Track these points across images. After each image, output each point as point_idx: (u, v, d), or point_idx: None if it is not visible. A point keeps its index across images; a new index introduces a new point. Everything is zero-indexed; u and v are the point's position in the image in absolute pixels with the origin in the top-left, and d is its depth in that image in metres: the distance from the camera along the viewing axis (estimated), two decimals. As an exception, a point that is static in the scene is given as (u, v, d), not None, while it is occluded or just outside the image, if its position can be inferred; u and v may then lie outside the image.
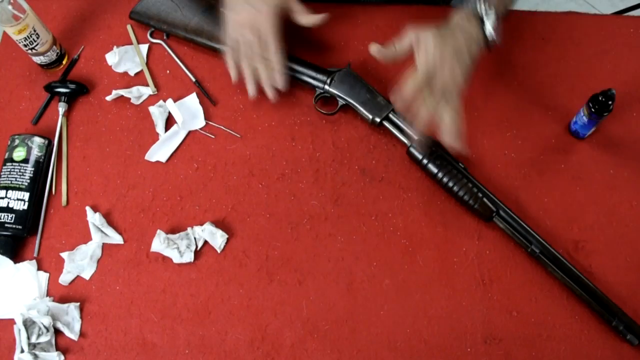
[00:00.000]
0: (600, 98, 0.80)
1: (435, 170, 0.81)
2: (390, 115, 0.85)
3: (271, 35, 0.83)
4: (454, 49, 0.77)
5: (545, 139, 0.89)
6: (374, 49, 0.81)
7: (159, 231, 0.81)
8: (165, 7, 0.93)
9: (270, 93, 0.86)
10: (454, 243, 0.82)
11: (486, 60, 0.92)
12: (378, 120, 0.85)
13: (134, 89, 0.90)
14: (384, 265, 0.81)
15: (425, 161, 0.82)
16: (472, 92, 0.91)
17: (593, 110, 0.81)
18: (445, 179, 0.81)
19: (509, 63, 0.94)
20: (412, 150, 0.83)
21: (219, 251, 0.81)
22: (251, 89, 0.86)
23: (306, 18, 0.87)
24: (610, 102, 0.80)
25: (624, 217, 0.83)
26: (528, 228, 0.79)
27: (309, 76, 0.88)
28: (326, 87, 0.87)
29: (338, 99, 0.87)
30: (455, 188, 0.81)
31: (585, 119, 0.84)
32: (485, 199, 0.80)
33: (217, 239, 0.81)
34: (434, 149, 0.82)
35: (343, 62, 0.91)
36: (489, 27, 0.81)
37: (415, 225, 0.83)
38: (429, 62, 0.75)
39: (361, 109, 0.86)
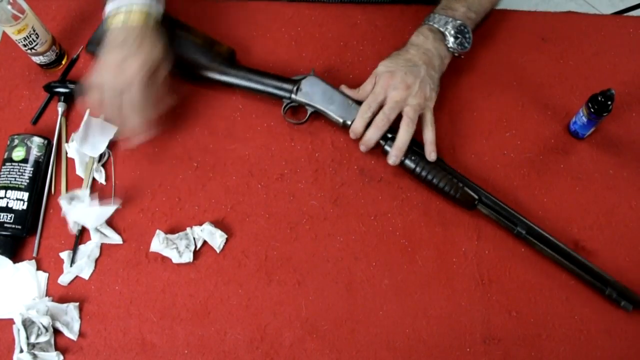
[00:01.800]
0: (599, 98, 0.80)
1: (412, 165, 0.81)
2: None
3: (133, 88, 0.74)
4: (405, 65, 0.81)
5: (545, 139, 0.88)
6: (343, 89, 0.86)
7: (158, 231, 0.81)
8: None
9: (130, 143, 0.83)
10: (453, 243, 0.82)
11: (486, 60, 0.93)
12: (349, 123, 0.84)
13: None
14: (383, 266, 0.81)
15: (402, 158, 0.82)
16: (472, 93, 0.92)
17: (592, 110, 0.81)
18: (423, 173, 0.81)
19: (508, 63, 0.94)
20: (388, 148, 0.82)
21: (218, 251, 0.81)
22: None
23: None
24: (609, 102, 0.80)
25: (624, 217, 0.83)
26: (511, 211, 0.80)
27: (274, 87, 0.86)
28: (293, 96, 0.86)
29: (306, 107, 0.86)
30: (435, 180, 0.81)
31: (584, 119, 0.84)
32: (466, 188, 0.80)
33: (217, 239, 0.81)
34: (410, 145, 0.82)
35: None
36: (450, 41, 0.84)
37: (415, 226, 0.83)
38: (377, 88, 0.81)
39: (330, 113, 0.85)
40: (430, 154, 0.81)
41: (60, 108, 0.88)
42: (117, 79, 0.74)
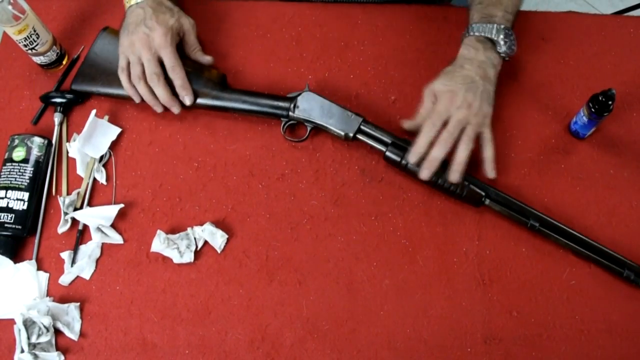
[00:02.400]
0: (600, 98, 0.80)
1: (416, 169, 0.81)
2: (362, 127, 0.84)
3: (167, 52, 0.83)
4: (464, 83, 0.80)
5: (545, 139, 0.89)
6: (406, 125, 0.85)
7: (159, 231, 0.81)
8: (104, 68, 0.89)
9: (175, 109, 0.86)
10: (454, 243, 0.82)
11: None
12: (351, 134, 0.84)
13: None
14: (384, 266, 0.81)
15: (404, 162, 0.82)
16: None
17: (593, 110, 0.81)
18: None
19: (509, 63, 0.93)
20: (389, 154, 0.82)
21: (219, 251, 0.81)
22: (157, 109, 0.86)
23: (200, 55, 0.89)
24: (610, 102, 0.80)
25: (624, 217, 0.83)
26: (522, 204, 0.80)
27: (270, 107, 0.86)
28: (290, 114, 0.86)
29: (306, 123, 0.86)
30: (440, 181, 0.81)
31: (585, 119, 0.84)
32: (472, 185, 0.80)
33: (217, 239, 0.81)
34: (411, 149, 0.82)
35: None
36: (502, 46, 0.84)
37: (415, 226, 0.83)
38: (440, 107, 0.79)
39: (331, 128, 0.84)
40: (491, 172, 0.81)
41: (57, 119, 0.88)
42: (150, 49, 0.82)
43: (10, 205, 0.80)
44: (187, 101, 0.84)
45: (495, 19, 0.85)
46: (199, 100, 0.87)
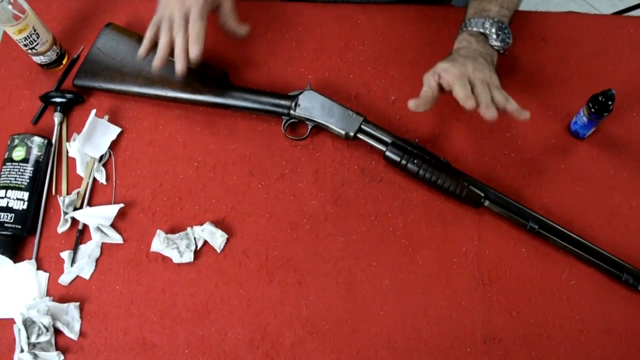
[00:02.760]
0: (600, 98, 0.80)
1: (416, 169, 0.81)
2: (363, 126, 0.84)
3: (197, 8, 0.81)
4: (468, 57, 0.80)
5: (545, 139, 0.88)
6: (412, 104, 0.78)
7: (158, 231, 0.81)
8: (107, 65, 0.89)
9: (180, 65, 0.81)
10: (454, 243, 0.82)
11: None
12: (352, 134, 0.84)
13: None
14: (383, 266, 0.81)
15: (404, 162, 0.82)
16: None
17: (593, 110, 0.81)
18: (427, 175, 0.81)
19: (509, 63, 0.94)
20: (389, 154, 0.82)
21: (218, 251, 0.81)
22: (158, 60, 0.82)
23: (233, 23, 0.86)
24: (610, 103, 0.80)
25: (624, 217, 0.83)
26: (521, 207, 0.80)
27: (271, 105, 0.86)
28: (292, 112, 0.86)
29: (307, 122, 0.86)
30: (439, 182, 0.81)
31: (585, 119, 0.84)
32: (471, 187, 0.80)
33: (217, 239, 0.81)
34: (410, 149, 0.82)
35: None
36: (494, 40, 0.84)
37: (415, 226, 0.83)
38: (456, 72, 0.77)
39: (332, 127, 0.85)
40: (524, 113, 0.76)
41: (57, 118, 0.88)
42: (183, 5, 0.81)
43: (10, 205, 0.80)
44: (193, 52, 0.81)
45: (489, 14, 0.85)
46: (201, 97, 0.87)
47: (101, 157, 0.87)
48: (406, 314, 0.78)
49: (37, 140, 0.85)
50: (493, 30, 0.83)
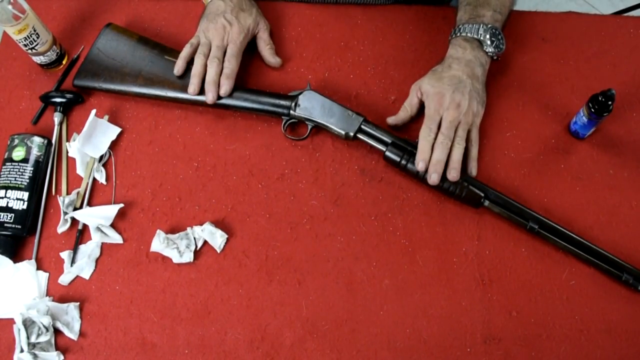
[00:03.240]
0: (600, 98, 0.80)
1: (415, 169, 0.81)
2: (363, 126, 0.84)
3: (235, 47, 0.87)
4: (452, 83, 0.82)
5: (545, 139, 0.88)
6: (390, 120, 0.87)
7: (158, 231, 0.81)
8: (107, 65, 0.89)
9: (210, 95, 0.84)
10: (454, 243, 0.82)
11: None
12: (352, 134, 0.84)
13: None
14: (383, 265, 0.81)
15: (403, 162, 0.82)
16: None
17: (593, 110, 0.81)
18: (427, 175, 0.81)
19: (509, 63, 0.94)
20: (389, 154, 0.83)
21: (218, 251, 0.81)
22: (193, 86, 0.85)
23: (269, 54, 0.92)
24: (610, 103, 0.80)
25: (624, 217, 0.83)
26: (521, 207, 0.80)
27: (271, 105, 0.86)
28: (292, 112, 0.86)
29: (307, 122, 0.86)
30: (439, 182, 0.81)
31: (585, 119, 0.84)
32: (471, 187, 0.80)
33: (217, 239, 0.81)
34: (410, 149, 0.82)
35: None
36: (488, 46, 0.85)
37: (415, 226, 0.83)
38: (430, 111, 0.82)
39: (332, 127, 0.85)
40: (472, 170, 0.83)
41: (57, 118, 0.88)
42: (223, 40, 0.87)
43: (10, 205, 0.80)
44: (224, 89, 0.84)
45: (483, 19, 0.86)
46: (201, 97, 0.87)
47: (101, 157, 0.87)
48: (406, 314, 0.78)
49: (37, 140, 0.85)
50: (487, 36, 0.84)
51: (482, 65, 0.85)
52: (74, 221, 0.83)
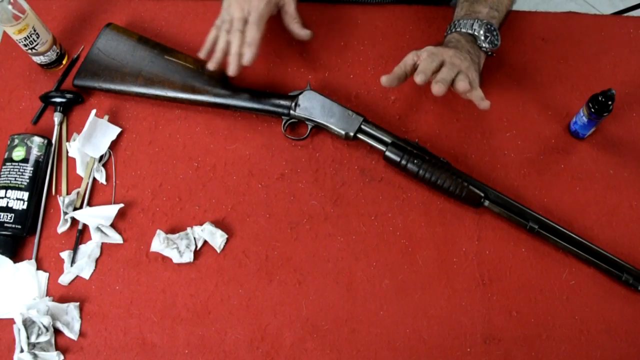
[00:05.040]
0: (600, 98, 0.80)
1: (416, 169, 0.81)
2: (363, 126, 0.84)
3: (255, 14, 0.83)
4: (452, 48, 0.81)
5: (545, 139, 0.88)
6: (384, 79, 0.80)
7: (158, 231, 0.81)
8: (107, 65, 0.89)
9: (233, 66, 0.82)
10: (454, 243, 0.82)
11: (486, 60, 0.92)
12: (352, 134, 0.84)
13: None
14: (383, 266, 0.81)
15: (404, 162, 0.82)
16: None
17: (593, 110, 0.81)
18: (427, 175, 0.81)
19: (509, 63, 0.94)
20: (389, 154, 0.82)
21: (218, 251, 0.81)
22: (214, 61, 0.83)
23: (297, 27, 0.88)
24: (610, 103, 0.80)
25: (625, 217, 0.83)
26: (521, 206, 0.80)
27: (271, 105, 0.86)
28: (292, 112, 0.86)
29: (307, 122, 0.86)
30: (439, 182, 0.81)
31: (585, 119, 0.84)
32: (471, 187, 0.80)
33: (217, 238, 0.81)
34: (410, 149, 0.82)
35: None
36: (482, 41, 0.84)
37: (415, 226, 0.83)
38: (433, 50, 0.78)
39: (332, 127, 0.85)
40: (484, 103, 0.76)
41: (57, 118, 0.88)
42: (243, 10, 0.83)
43: (10, 205, 0.80)
44: (245, 58, 0.82)
45: (478, 15, 0.85)
46: (201, 97, 0.87)
47: (101, 157, 0.87)
48: (406, 314, 0.78)
49: (37, 140, 0.85)
50: (481, 32, 0.84)
51: (477, 57, 0.84)
52: (74, 221, 0.83)
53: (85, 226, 0.82)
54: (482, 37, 0.84)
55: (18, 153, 0.83)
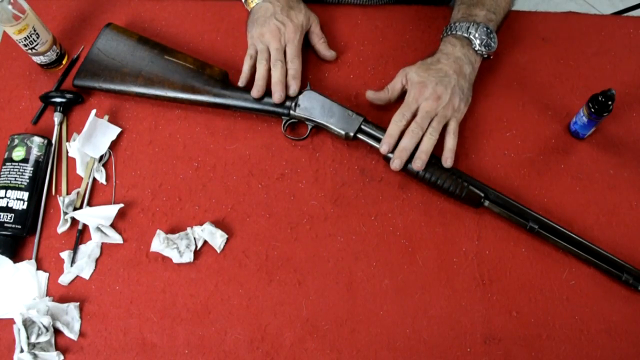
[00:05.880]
0: (600, 98, 0.80)
1: (415, 169, 0.81)
2: (363, 126, 0.84)
3: (293, 46, 0.87)
4: (437, 76, 0.82)
5: (545, 139, 0.88)
6: (369, 94, 0.87)
7: (158, 231, 0.81)
8: (107, 65, 0.89)
9: (277, 95, 0.84)
10: (454, 243, 0.82)
11: (485, 61, 0.93)
12: (352, 134, 0.84)
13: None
14: (383, 265, 0.81)
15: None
16: (472, 93, 0.91)
17: (593, 110, 0.81)
18: (427, 176, 0.81)
19: (509, 63, 0.94)
20: (389, 154, 0.82)
21: (218, 251, 0.81)
22: (258, 89, 0.85)
23: (324, 48, 0.92)
24: (610, 103, 0.80)
25: (625, 217, 0.83)
26: (521, 207, 0.80)
27: (271, 105, 0.86)
28: (292, 112, 0.86)
29: (307, 122, 0.86)
30: (439, 182, 0.81)
31: (585, 119, 0.84)
32: (471, 187, 0.81)
33: (217, 239, 0.81)
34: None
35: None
36: (477, 45, 0.85)
37: (415, 225, 0.83)
38: (409, 98, 0.82)
39: (332, 127, 0.85)
40: (447, 161, 0.81)
41: (57, 118, 0.88)
42: (280, 41, 0.87)
43: (10, 205, 0.80)
44: (292, 89, 0.85)
45: (475, 18, 0.86)
46: (201, 97, 0.87)
47: (101, 157, 0.87)
48: (406, 314, 0.78)
49: (37, 140, 0.85)
50: (477, 35, 0.85)
51: (470, 64, 0.85)
52: (74, 221, 0.83)
53: (85, 226, 0.82)
54: (478, 41, 0.85)
55: (18, 153, 0.83)
